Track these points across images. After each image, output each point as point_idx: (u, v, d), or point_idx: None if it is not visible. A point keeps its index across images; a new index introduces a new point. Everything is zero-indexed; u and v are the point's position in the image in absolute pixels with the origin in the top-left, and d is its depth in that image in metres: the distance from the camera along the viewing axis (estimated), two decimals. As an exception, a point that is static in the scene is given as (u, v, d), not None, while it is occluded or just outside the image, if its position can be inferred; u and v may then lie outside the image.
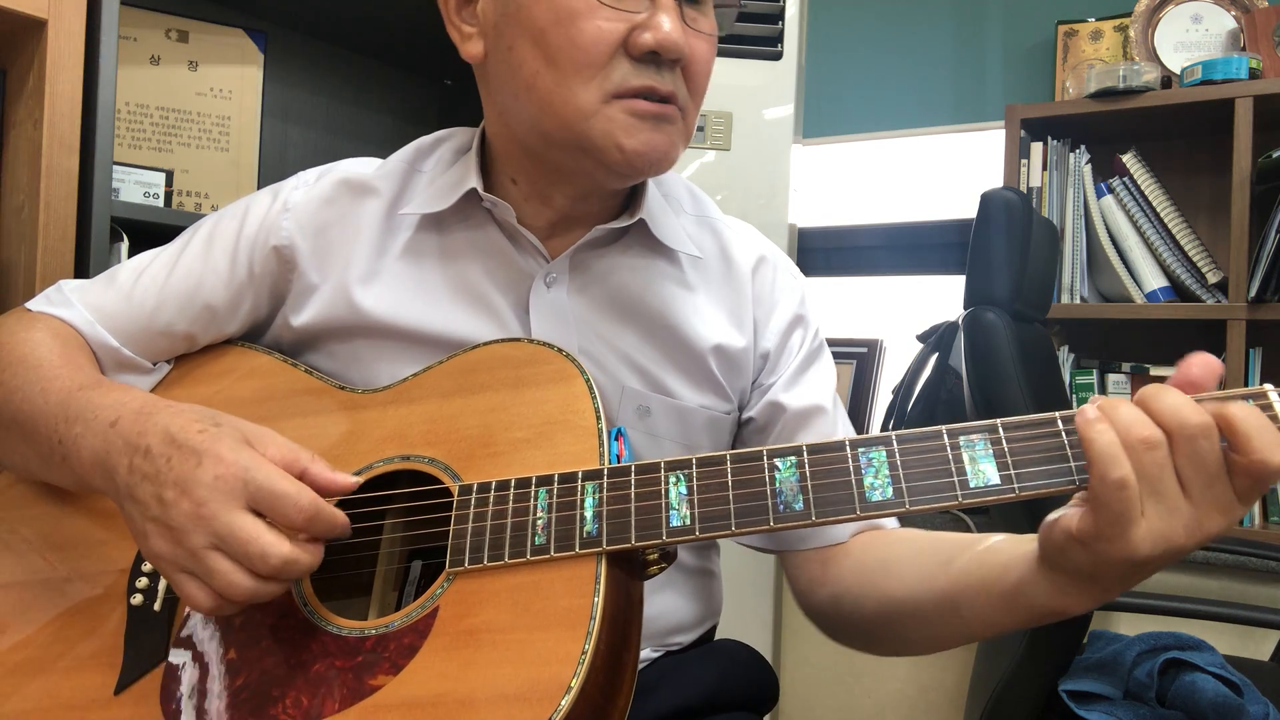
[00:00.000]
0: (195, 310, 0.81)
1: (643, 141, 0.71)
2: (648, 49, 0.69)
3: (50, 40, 1.02)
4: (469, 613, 0.61)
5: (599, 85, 0.70)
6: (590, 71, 0.69)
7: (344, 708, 0.59)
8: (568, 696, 0.55)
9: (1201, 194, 2.01)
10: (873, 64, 2.41)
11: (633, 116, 0.71)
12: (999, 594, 0.63)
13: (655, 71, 0.70)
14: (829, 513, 0.59)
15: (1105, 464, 0.52)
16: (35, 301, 0.82)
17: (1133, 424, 0.53)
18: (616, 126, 0.71)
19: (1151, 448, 0.52)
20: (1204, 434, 0.52)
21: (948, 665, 2.05)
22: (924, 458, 0.59)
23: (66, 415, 0.68)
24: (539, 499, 0.63)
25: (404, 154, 0.85)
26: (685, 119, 0.75)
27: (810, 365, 0.86)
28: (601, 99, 0.70)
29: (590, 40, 0.69)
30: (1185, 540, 0.53)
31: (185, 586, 0.59)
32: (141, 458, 0.62)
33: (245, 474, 0.59)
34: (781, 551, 0.84)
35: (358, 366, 0.79)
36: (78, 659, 0.67)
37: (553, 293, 0.79)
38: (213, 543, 0.58)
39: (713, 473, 0.62)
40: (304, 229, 0.80)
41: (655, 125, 0.72)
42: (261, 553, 0.58)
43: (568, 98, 0.70)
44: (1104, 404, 0.55)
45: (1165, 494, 0.52)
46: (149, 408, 0.65)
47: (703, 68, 0.74)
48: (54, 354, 0.75)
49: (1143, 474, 0.52)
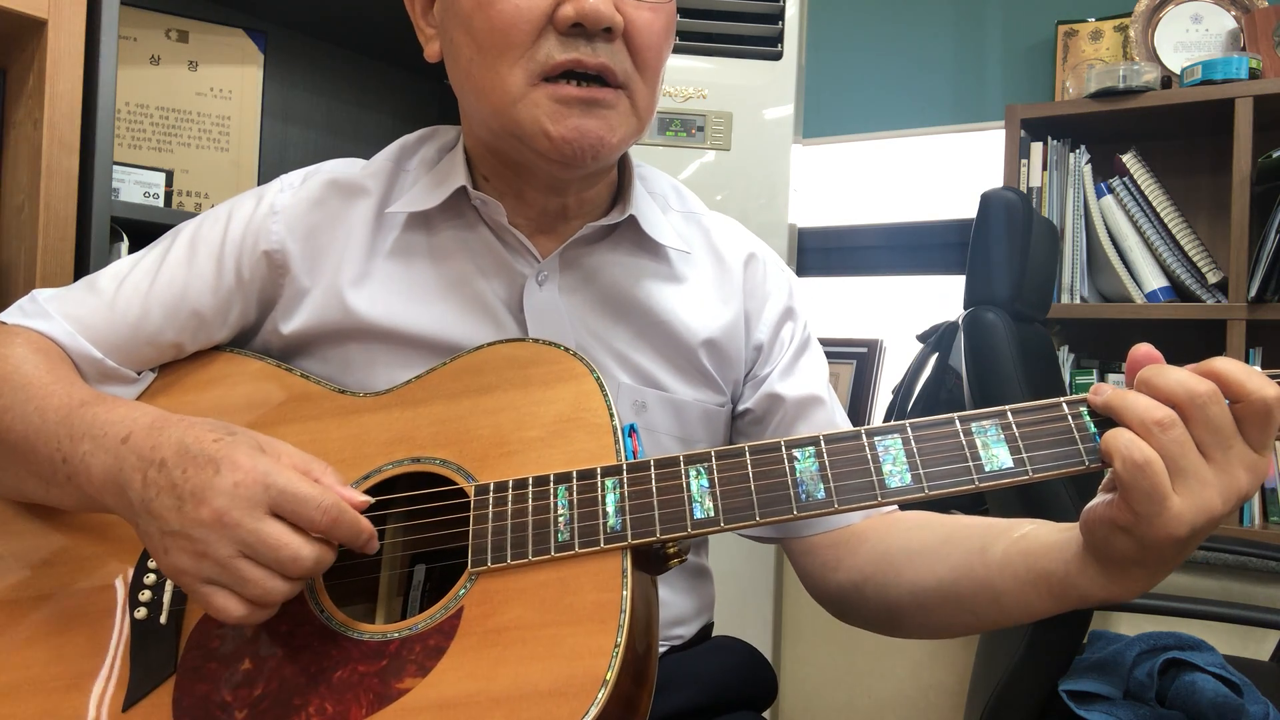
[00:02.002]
0: (182, 318, 0.78)
1: (571, 128, 0.69)
2: (570, 21, 0.67)
3: (50, 40, 1.02)
4: (495, 611, 0.61)
5: (524, 67, 0.68)
6: (514, 53, 0.68)
7: (371, 713, 0.59)
8: (604, 690, 0.55)
9: (1201, 194, 2.01)
10: (873, 64, 2.41)
11: (557, 102, 0.69)
12: (1047, 587, 0.63)
13: (586, 44, 0.68)
14: (851, 500, 0.60)
15: (1126, 452, 0.54)
16: (8, 313, 0.78)
17: (1146, 409, 0.54)
18: (541, 112, 0.69)
19: (1168, 428, 0.54)
20: (1213, 399, 0.54)
21: (948, 665, 2.05)
22: (939, 444, 0.60)
23: (71, 433, 0.66)
24: (559, 496, 0.63)
25: (388, 153, 0.84)
26: (633, 98, 0.73)
27: (802, 355, 0.87)
28: (528, 80, 0.69)
29: (509, 19, 0.67)
30: (1223, 506, 0.55)
31: (214, 598, 0.58)
32: (156, 471, 0.61)
33: (265, 479, 0.58)
34: (785, 539, 0.84)
35: (350, 370, 0.78)
36: (78, 677, 0.66)
37: (545, 291, 0.78)
38: (240, 550, 0.57)
39: (733, 465, 0.62)
40: (294, 232, 0.79)
41: (585, 110, 0.69)
42: (294, 556, 0.57)
43: (495, 82, 0.69)
44: (1112, 396, 0.56)
45: (1191, 468, 0.54)
46: (160, 422, 0.64)
47: (649, 39, 0.71)
48: (40, 370, 0.72)
49: (1166, 454, 0.54)
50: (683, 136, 1.75)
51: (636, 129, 0.74)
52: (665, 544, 0.62)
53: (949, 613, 0.71)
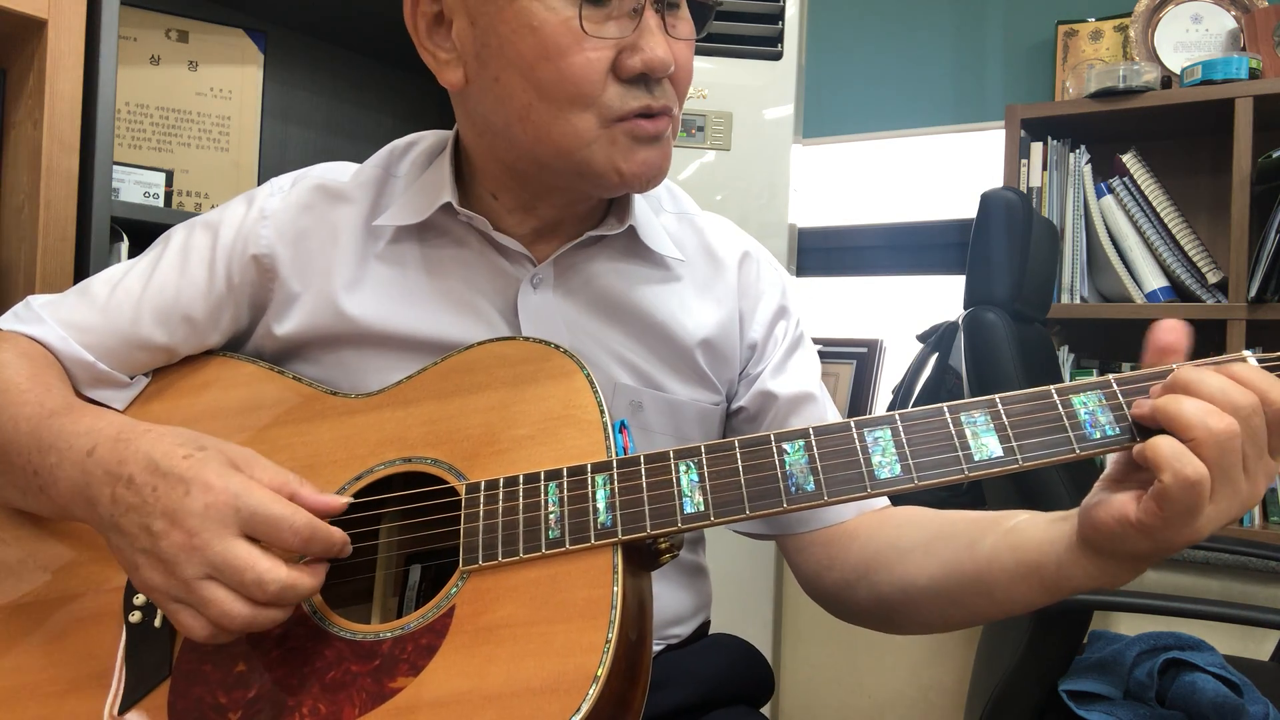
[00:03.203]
0: (174, 323, 0.78)
1: (640, 162, 0.72)
2: (637, 72, 0.69)
3: (50, 40, 1.02)
4: (486, 609, 0.61)
5: (596, 113, 0.70)
6: (585, 102, 0.69)
7: (365, 712, 0.59)
8: (595, 686, 0.55)
9: (1201, 194, 2.01)
10: (873, 64, 2.41)
11: (633, 140, 0.71)
12: (1038, 580, 0.64)
13: (647, 91, 0.70)
14: (840, 492, 0.60)
15: (1179, 465, 0.53)
16: (3, 319, 0.79)
17: (1205, 421, 0.53)
18: (617, 151, 0.71)
19: (1233, 437, 0.53)
20: (1256, 411, 0.54)
21: (948, 665, 2.05)
22: (928, 434, 0.60)
23: (39, 445, 0.66)
24: (549, 493, 0.63)
25: (378, 159, 0.84)
26: (675, 123, 0.76)
27: (794, 353, 0.88)
28: (600, 125, 0.70)
29: (581, 74, 0.68)
30: (1239, 512, 0.56)
31: (180, 616, 0.58)
32: (124, 487, 0.60)
33: (236, 500, 0.58)
34: (781, 536, 0.84)
35: (344, 373, 0.78)
36: (73, 682, 0.66)
37: (539, 294, 0.79)
38: (207, 572, 0.57)
39: (722, 459, 0.62)
40: (283, 236, 0.79)
41: (651, 144, 0.72)
42: (258, 579, 0.57)
43: (565, 130, 0.70)
44: (1163, 405, 0.55)
45: (1234, 478, 0.54)
46: (126, 433, 0.63)
47: (686, 73, 0.74)
48: (21, 376, 0.72)
49: (1217, 468, 0.53)
50: (683, 136, 1.75)
51: None
52: (656, 539, 0.62)
53: (942, 608, 0.72)
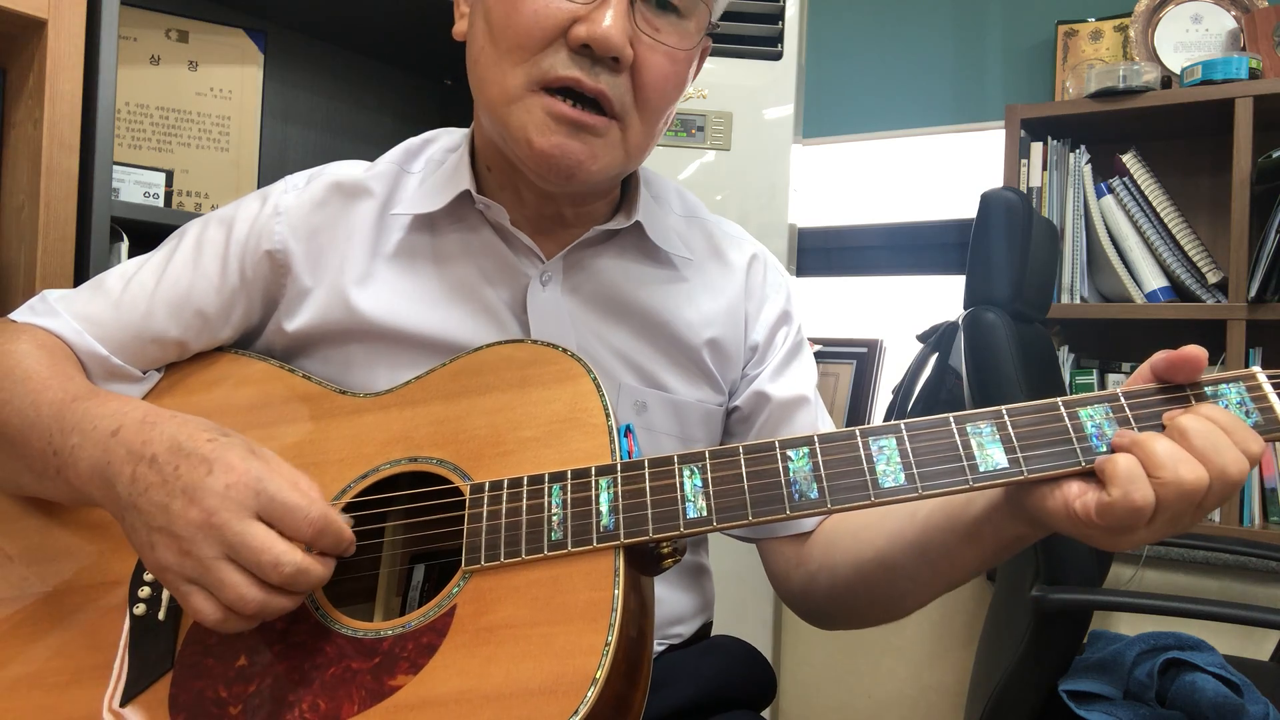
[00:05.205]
0: (186, 317, 0.79)
1: (554, 144, 0.69)
2: (580, 41, 0.68)
3: (50, 40, 1.02)
4: (488, 609, 0.61)
5: (527, 70, 0.69)
6: (521, 54, 0.68)
7: (363, 709, 0.59)
8: (594, 688, 0.56)
9: (1201, 194, 2.01)
10: (873, 64, 2.41)
11: (549, 116, 0.69)
12: (963, 527, 0.65)
13: (590, 66, 0.69)
14: (844, 500, 0.60)
15: (1130, 485, 0.54)
16: (19, 312, 0.80)
17: (1178, 472, 0.54)
18: (531, 120, 0.70)
19: (1200, 491, 0.54)
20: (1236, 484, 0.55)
21: (948, 665, 2.05)
22: (933, 444, 0.60)
23: (62, 426, 0.67)
24: (553, 495, 0.64)
25: (393, 155, 0.85)
26: (625, 131, 0.73)
27: (794, 358, 0.88)
28: (526, 85, 0.69)
29: (527, 21, 0.68)
30: (1169, 536, 0.58)
31: (192, 598, 0.58)
32: (146, 466, 0.60)
33: (257, 484, 0.58)
34: (758, 541, 0.86)
35: (352, 371, 0.78)
36: (76, 673, 0.66)
37: (548, 291, 0.79)
38: (224, 552, 0.57)
39: (727, 464, 0.62)
40: (297, 232, 0.79)
41: (572, 131, 0.70)
42: (275, 561, 0.57)
43: (497, 77, 0.70)
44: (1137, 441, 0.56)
45: (1175, 518, 0.56)
46: (153, 417, 0.64)
47: (655, 79, 0.71)
48: (42, 365, 0.72)
49: (1164, 505, 0.55)
50: (683, 136, 1.75)
51: (623, 162, 0.74)
52: (659, 544, 0.62)
53: (893, 580, 0.73)
